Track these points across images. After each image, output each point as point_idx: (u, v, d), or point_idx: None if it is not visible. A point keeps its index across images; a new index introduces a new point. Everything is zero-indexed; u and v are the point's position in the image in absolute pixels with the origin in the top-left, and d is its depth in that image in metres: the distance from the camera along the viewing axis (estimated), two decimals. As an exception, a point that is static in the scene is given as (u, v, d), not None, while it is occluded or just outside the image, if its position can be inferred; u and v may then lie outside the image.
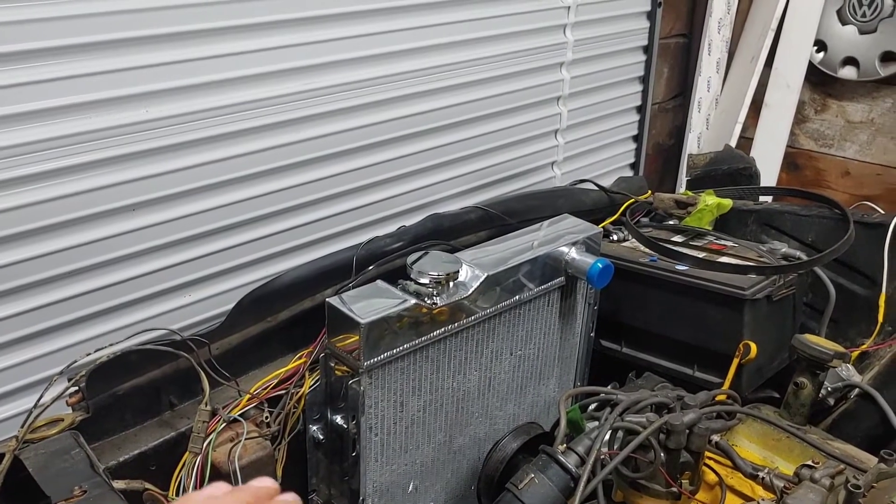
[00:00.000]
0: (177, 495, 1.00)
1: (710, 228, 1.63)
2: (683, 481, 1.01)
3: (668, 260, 1.43)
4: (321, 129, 1.44)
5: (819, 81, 2.36)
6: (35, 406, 0.99)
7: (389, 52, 1.51)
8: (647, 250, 1.48)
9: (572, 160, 2.06)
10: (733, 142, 2.32)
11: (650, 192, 1.74)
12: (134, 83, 1.18)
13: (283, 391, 1.13)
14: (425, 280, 1.10)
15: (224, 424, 1.07)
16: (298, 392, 1.14)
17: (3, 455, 0.94)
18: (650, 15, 2.14)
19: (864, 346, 1.45)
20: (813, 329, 1.53)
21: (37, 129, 1.11)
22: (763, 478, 1.05)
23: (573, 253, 1.28)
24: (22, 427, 0.97)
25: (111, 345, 1.06)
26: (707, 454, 1.07)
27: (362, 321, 1.03)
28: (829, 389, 1.33)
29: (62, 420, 1.01)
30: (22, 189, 1.12)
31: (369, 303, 1.07)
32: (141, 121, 1.20)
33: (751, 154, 2.29)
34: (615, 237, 1.58)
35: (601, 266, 1.25)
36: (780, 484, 1.03)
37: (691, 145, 2.42)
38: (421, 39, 1.56)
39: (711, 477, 1.08)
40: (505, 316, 1.24)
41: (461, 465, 1.28)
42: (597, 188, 1.71)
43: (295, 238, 1.48)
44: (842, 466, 1.03)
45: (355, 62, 1.46)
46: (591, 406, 1.19)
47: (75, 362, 1.03)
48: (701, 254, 1.44)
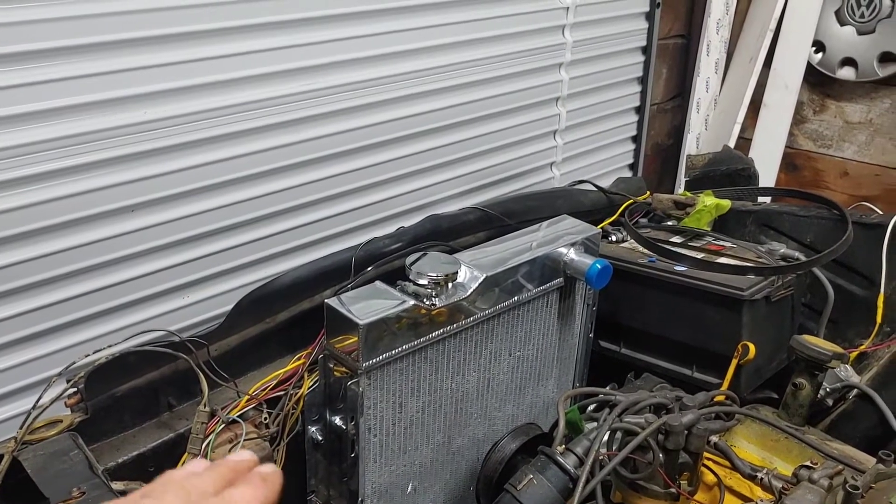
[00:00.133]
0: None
1: (709, 229, 1.63)
2: (682, 482, 1.01)
3: (667, 261, 1.43)
4: (320, 130, 1.44)
5: (817, 82, 2.36)
6: (34, 407, 0.98)
7: (388, 54, 1.51)
8: (646, 251, 1.48)
9: (571, 161, 2.06)
10: (732, 142, 2.32)
11: (649, 193, 1.74)
12: (132, 84, 1.18)
13: (282, 392, 1.13)
14: (424, 281, 1.10)
15: (223, 425, 1.07)
16: (297, 393, 1.14)
17: (2, 456, 0.94)
18: (649, 16, 2.14)
19: (863, 347, 1.45)
20: (811, 330, 1.53)
21: (35, 131, 1.11)
22: (762, 478, 1.05)
23: (572, 254, 1.28)
24: (20, 428, 0.97)
25: (110, 346, 1.06)
26: (706, 455, 1.07)
27: (361, 322, 1.03)
28: (828, 390, 1.34)
29: (61, 421, 1.01)
30: (21, 190, 1.12)
31: (368, 304, 1.07)
32: (139, 122, 1.20)
33: (749, 155, 2.30)
34: (614, 238, 1.57)
35: (600, 267, 1.25)
36: (779, 484, 1.03)
37: (690, 146, 2.42)
38: (419, 40, 1.56)
39: (710, 478, 1.08)
40: (504, 317, 1.24)
41: (460, 466, 1.28)
42: (595, 189, 1.71)
43: (294, 239, 1.48)
44: (840, 467, 1.03)
45: (353, 63, 1.46)
46: (590, 407, 1.20)
47: (74, 363, 1.03)
48: (699, 254, 1.44)
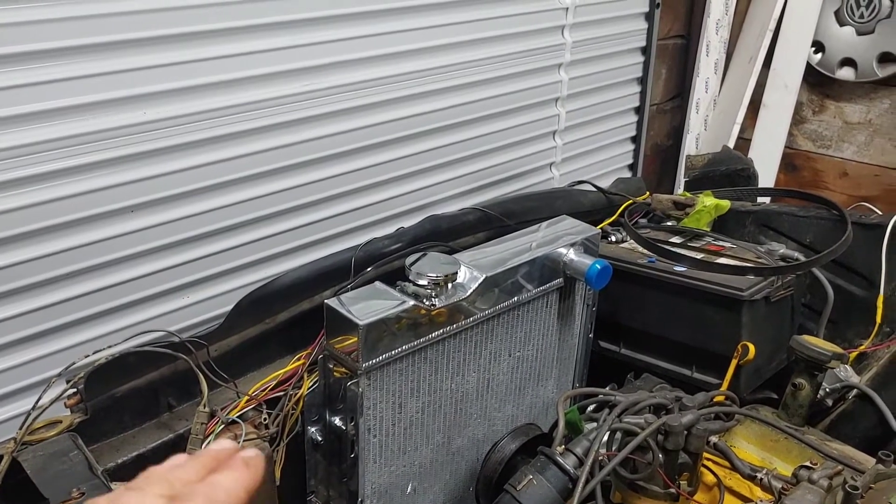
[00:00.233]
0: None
1: (709, 229, 1.63)
2: (682, 482, 1.01)
3: (667, 261, 1.43)
4: (319, 131, 1.44)
5: (817, 82, 2.36)
6: (33, 408, 0.98)
7: (386, 54, 1.51)
8: (646, 251, 1.48)
9: (570, 161, 2.06)
10: (731, 143, 2.32)
11: (648, 194, 1.74)
12: (132, 85, 1.18)
13: (282, 393, 1.13)
14: (424, 281, 1.10)
15: (222, 426, 1.07)
16: (297, 394, 1.14)
17: (2, 457, 0.94)
18: (648, 16, 2.14)
19: (863, 347, 1.45)
20: (811, 330, 1.53)
21: (35, 131, 1.10)
22: (761, 479, 1.05)
23: (571, 254, 1.28)
24: (20, 429, 0.97)
25: (110, 346, 1.06)
26: (705, 455, 1.07)
27: (361, 323, 1.03)
28: (828, 390, 1.34)
29: (60, 422, 1.01)
30: (20, 191, 1.11)
31: (368, 304, 1.07)
32: (139, 123, 1.20)
33: (749, 155, 2.30)
34: (613, 238, 1.57)
35: (599, 267, 1.25)
36: (779, 485, 1.03)
37: (689, 146, 2.43)
38: (418, 41, 1.56)
39: (710, 478, 1.08)
40: (503, 317, 1.24)
41: (460, 467, 1.28)
42: (595, 189, 1.71)
43: (293, 239, 1.48)
44: (840, 467, 1.03)
45: (352, 64, 1.46)
46: (590, 407, 1.20)
47: (74, 364, 1.03)
48: (699, 255, 1.44)
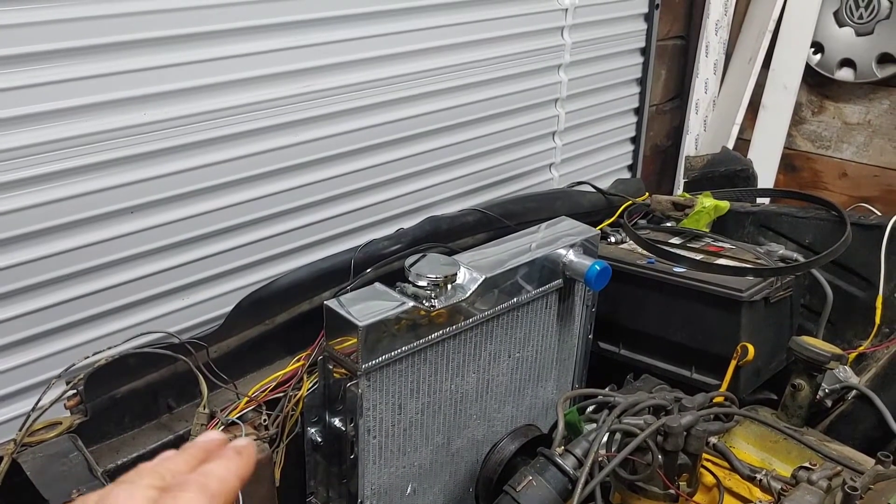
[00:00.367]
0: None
1: (708, 230, 1.63)
2: (681, 483, 1.01)
3: (666, 262, 1.43)
4: (318, 132, 1.44)
5: (816, 83, 2.36)
6: (33, 409, 0.98)
7: (385, 55, 1.51)
8: (645, 252, 1.48)
9: (570, 162, 2.06)
10: (731, 143, 2.32)
11: (648, 194, 1.74)
12: (132, 86, 1.18)
13: (282, 394, 1.13)
14: (423, 282, 1.11)
15: (222, 427, 1.07)
16: (297, 395, 1.14)
17: (1, 458, 0.94)
18: (648, 17, 2.14)
19: (862, 348, 1.45)
20: (810, 331, 1.53)
21: (33, 133, 1.10)
22: (760, 480, 1.05)
23: (571, 255, 1.28)
24: (20, 430, 0.97)
25: (109, 348, 1.06)
26: (705, 456, 1.07)
27: (360, 324, 1.03)
28: (827, 391, 1.34)
29: (60, 423, 1.01)
30: (19, 192, 1.11)
31: (367, 305, 1.07)
32: (139, 124, 1.20)
33: (748, 156, 2.30)
34: (613, 239, 1.58)
35: (599, 268, 1.25)
36: (778, 486, 1.03)
37: (689, 147, 2.43)
38: (417, 42, 1.56)
39: (709, 479, 1.08)
40: (503, 318, 1.24)
41: (459, 468, 1.28)
42: (594, 190, 1.71)
43: (293, 241, 1.47)
44: (839, 468, 1.03)
45: (350, 65, 1.45)
46: (589, 408, 1.20)
47: (73, 365, 1.03)
48: (698, 256, 1.44)
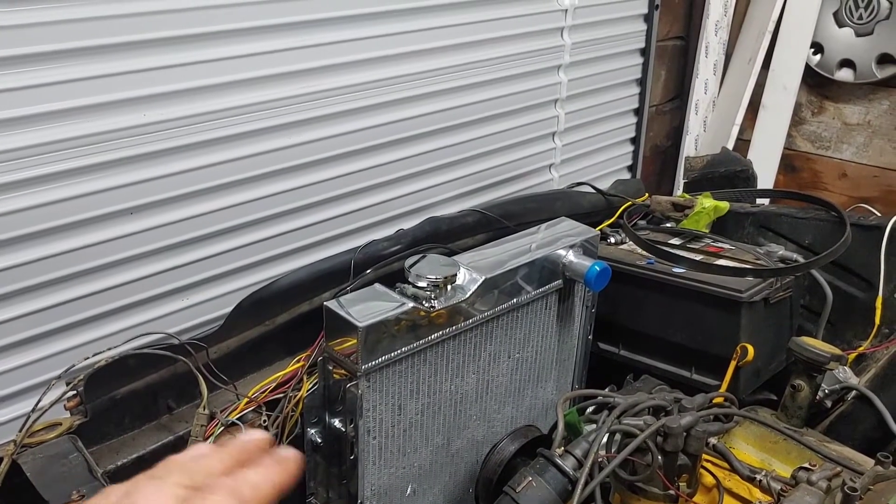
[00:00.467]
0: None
1: (708, 231, 1.63)
2: (681, 484, 1.01)
3: (666, 262, 1.43)
4: (318, 133, 1.44)
5: (816, 83, 2.36)
6: (33, 410, 0.99)
7: (385, 56, 1.51)
8: (645, 253, 1.48)
9: (570, 163, 2.06)
10: (730, 144, 2.32)
11: (647, 195, 1.74)
12: (132, 87, 1.18)
13: (281, 395, 1.13)
14: (423, 283, 1.10)
15: (222, 428, 1.07)
16: (296, 395, 1.14)
17: (1, 459, 0.94)
18: (647, 17, 2.14)
19: (861, 349, 1.45)
20: (810, 331, 1.53)
21: (33, 134, 1.10)
22: (760, 480, 1.05)
23: (571, 256, 1.28)
24: (20, 431, 0.98)
25: (109, 349, 1.07)
26: (704, 457, 1.07)
27: (360, 324, 1.03)
28: (827, 392, 1.34)
29: (60, 424, 1.01)
30: (19, 193, 1.11)
31: (367, 306, 1.07)
32: (139, 124, 1.20)
33: (748, 156, 2.31)
34: (612, 240, 1.58)
35: (599, 269, 1.25)
36: (778, 486, 1.03)
37: (688, 148, 2.43)
38: (417, 43, 1.56)
39: (709, 479, 1.08)
40: (503, 319, 1.24)
41: (459, 468, 1.28)
42: (594, 191, 1.71)
43: (293, 241, 1.48)
44: (839, 469, 1.03)
45: (350, 66, 1.46)
46: (589, 409, 1.20)
47: (73, 366, 1.03)
48: (698, 256, 1.44)
